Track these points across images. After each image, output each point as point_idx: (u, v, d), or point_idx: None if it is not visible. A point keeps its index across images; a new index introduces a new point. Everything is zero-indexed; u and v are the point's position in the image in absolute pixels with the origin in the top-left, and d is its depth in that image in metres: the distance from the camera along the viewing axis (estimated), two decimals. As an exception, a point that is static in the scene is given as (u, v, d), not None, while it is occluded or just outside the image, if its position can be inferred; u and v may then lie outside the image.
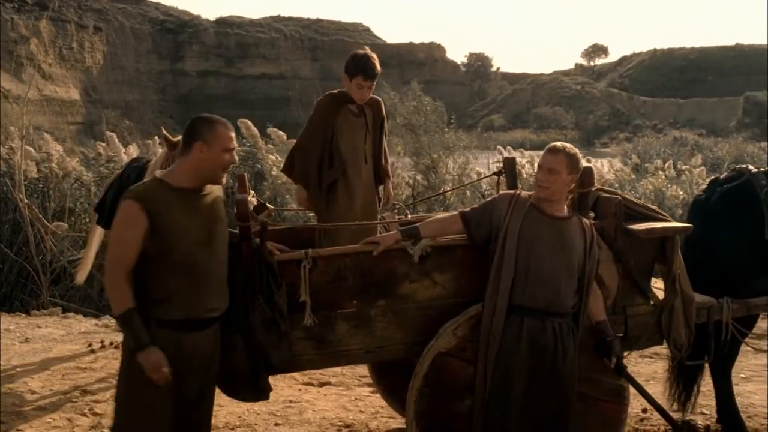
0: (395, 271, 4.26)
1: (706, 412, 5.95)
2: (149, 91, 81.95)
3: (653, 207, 4.87)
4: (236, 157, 3.88)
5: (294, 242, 4.72)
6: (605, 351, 4.26)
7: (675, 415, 5.74)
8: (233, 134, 3.81)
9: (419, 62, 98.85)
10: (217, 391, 6.42)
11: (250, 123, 12.80)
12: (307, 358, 4.24)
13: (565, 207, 4.24)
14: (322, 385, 6.78)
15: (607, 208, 4.56)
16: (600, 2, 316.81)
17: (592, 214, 4.44)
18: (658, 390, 6.15)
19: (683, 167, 16.69)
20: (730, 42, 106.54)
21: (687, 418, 5.66)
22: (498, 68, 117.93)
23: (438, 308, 4.30)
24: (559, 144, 4.21)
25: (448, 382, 4.18)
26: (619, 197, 4.63)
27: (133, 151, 13.33)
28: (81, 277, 8.50)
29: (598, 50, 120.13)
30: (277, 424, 5.76)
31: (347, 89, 5.04)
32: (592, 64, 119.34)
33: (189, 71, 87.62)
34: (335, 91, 5.17)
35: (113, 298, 3.63)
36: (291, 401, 6.21)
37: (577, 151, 4.20)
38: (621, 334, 4.60)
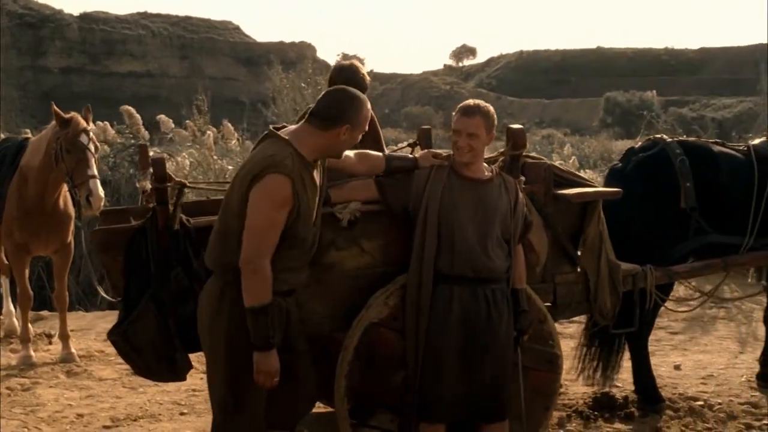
0: (321, 237, 3.95)
1: (618, 384, 5.93)
2: (9, 89, 77.34)
3: (578, 173, 4.80)
4: None
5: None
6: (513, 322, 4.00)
7: (589, 389, 5.73)
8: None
9: (290, 61, 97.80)
10: (114, 381, 6.15)
11: (133, 110, 12.24)
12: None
13: (485, 167, 4.01)
14: (224, 373, 6.42)
15: (536, 173, 4.43)
16: (468, 4, 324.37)
17: (523, 179, 4.28)
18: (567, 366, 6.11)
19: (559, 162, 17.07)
20: (592, 45, 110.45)
21: (605, 390, 5.62)
22: (372, 69, 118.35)
23: (366, 278, 4.03)
24: (472, 103, 3.93)
25: (381, 354, 3.94)
26: (547, 162, 4.52)
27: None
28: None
29: (466, 51, 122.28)
30: (182, 414, 5.41)
31: None
32: (460, 64, 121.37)
33: (51, 68, 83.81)
34: None
35: (254, 287, 3.28)
36: (194, 390, 5.84)
37: (491, 107, 3.95)
38: (549, 304, 4.49)
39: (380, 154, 4.16)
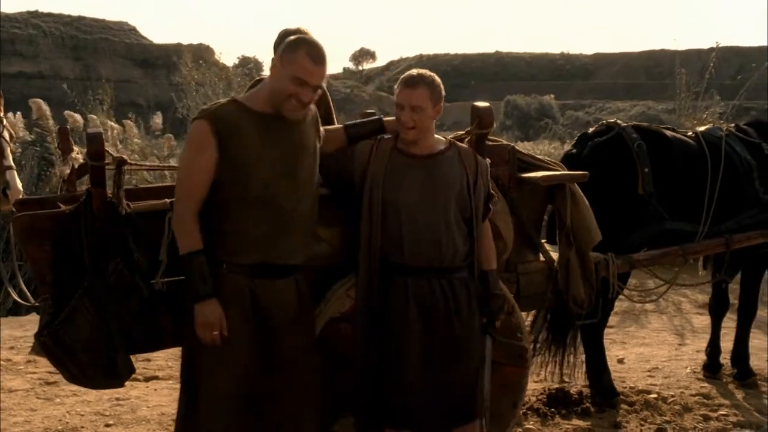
0: None
1: (567, 380, 5.70)
2: None
3: (541, 157, 4.55)
4: (309, 97, 3.19)
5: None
6: (481, 306, 3.63)
7: (539, 385, 5.51)
8: (320, 68, 3.17)
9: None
10: (26, 392, 5.59)
11: (41, 102, 11.54)
12: (171, 334, 3.49)
13: (436, 139, 3.62)
14: (148, 379, 5.95)
15: (500, 155, 4.15)
16: (366, 7, 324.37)
17: (489, 161, 3.98)
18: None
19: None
20: (491, 49, 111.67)
21: (558, 386, 5.40)
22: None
23: (323, 269, 3.66)
24: (415, 74, 3.54)
25: (341, 351, 3.58)
26: (511, 144, 4.25)
27: None
28: None
29: (365, 54, 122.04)
30: (108, 425, 4.92)
31: None
32: (360, 68, 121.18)
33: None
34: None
35: (177, 235, 3.14)
36: (118, 399, 5.36)
37: (436, 76, 3.57)
38: (512, 294, 4.20)
39: (338, 126, 3.79)
